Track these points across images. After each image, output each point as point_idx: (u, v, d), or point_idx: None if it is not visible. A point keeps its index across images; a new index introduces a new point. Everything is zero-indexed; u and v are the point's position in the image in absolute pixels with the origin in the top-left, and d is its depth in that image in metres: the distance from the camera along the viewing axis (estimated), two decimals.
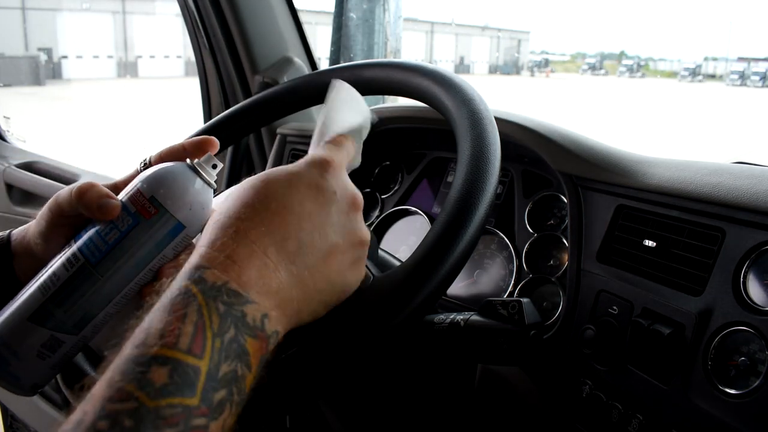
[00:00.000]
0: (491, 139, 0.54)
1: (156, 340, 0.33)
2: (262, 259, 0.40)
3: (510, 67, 28.27)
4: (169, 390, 0.32)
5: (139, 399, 0.31)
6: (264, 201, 0.42)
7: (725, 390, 0.54)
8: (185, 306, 0.35)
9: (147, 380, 0.32)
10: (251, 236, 0.40)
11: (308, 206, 0.43)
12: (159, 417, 0.31)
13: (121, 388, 0.31)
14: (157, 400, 0.31)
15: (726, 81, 24.80)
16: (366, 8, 1.42)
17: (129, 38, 21.18)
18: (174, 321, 0.34)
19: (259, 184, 0.43)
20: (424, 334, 0.60)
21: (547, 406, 0.70)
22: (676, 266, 0.62)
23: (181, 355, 0.33)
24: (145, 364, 0.32)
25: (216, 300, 0.36)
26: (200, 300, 0.36)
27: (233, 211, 0.41)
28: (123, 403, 0.31)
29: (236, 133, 0.81)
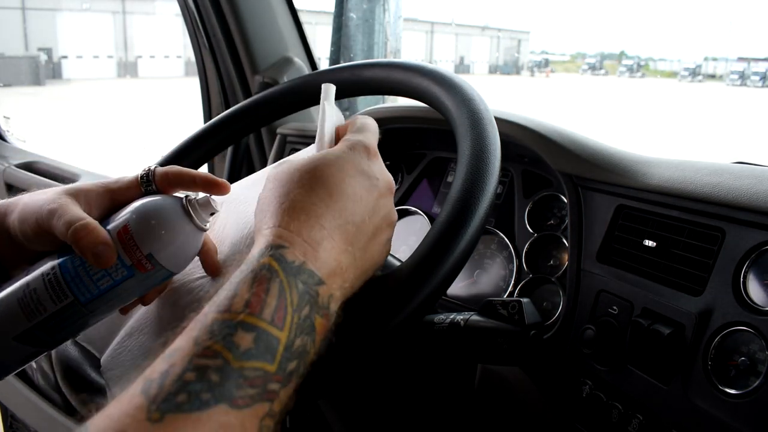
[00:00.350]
0: (491, 138, 0.54)
1: (242, 308, 0.36)
2: (331, 242, 0.43)
3: (510, 67, 28.27)
4: (252, 354, 0.35)
5: (226, 358, 0.34)
6: (324, 186, 0.45)
7: (725, 390, 0.54)
8: (268, 280, 0.38)
9: (233, 343, 0.35)
10: (322, 221, 0.43)
11: (358, 191, 0.46)
12: (242, 377, 0.34)
13: (209, 347, 0.34)
14: (242, 362, 0.34)
15: (726, 81, 24.79)
16: (366, 8, 1.42)
17: (129, 38, 21.19)
18: (258, 293, 0.37)
19: (312, 168, 0.45)
20: (424, 334, 0.60)
21: (547, 406, 0.70)
22: (676, 266, 0.62)
23: (265, 324, 0.36)
24: (232, 327, 0.35)
25: (296, 278, 0.39)
26: (281, 276, 0.39)
27: (298, 196, 0.44)
28: (210, 360, 0.34)
29: (236, 133, 0.81)
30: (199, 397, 0.32)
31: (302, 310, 0.39)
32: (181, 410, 0.32)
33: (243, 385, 0.34)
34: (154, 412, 0.31)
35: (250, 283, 0.38)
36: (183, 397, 0.32)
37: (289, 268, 0.40)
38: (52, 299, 0.48)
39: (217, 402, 0.33)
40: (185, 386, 0.33)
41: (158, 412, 0.31)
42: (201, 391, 0.32)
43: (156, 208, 0.50)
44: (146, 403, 0.32)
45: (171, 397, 0.32)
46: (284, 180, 0.45)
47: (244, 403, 0.34)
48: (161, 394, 0.32)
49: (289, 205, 0.43)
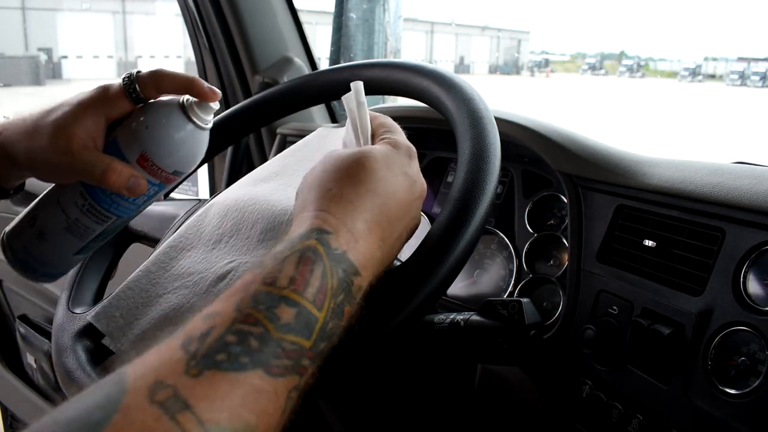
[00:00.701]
0: (491, 138, 0.54)
1: (287, 284, 0.38)
2: (370, 236, 0.45)
3: (510, 67, 28.25)
4: (291, 327, 0.37)
5: (266, 327, 0.36)
6: (372, 181, 0.46)
7: (725, 390, 0.54)
8: (313, 262, 0.40)
9: (275, 314, 0.36)
10: (365, 214, 0.45)
11: (400, 190, 0.48)
12: (280, 347, 0.35)
13: (251, 315, 0.36)
14: (281, 333, 0.36)
15: (726, 81, 24.79)
16: (366, 8, 1.41)
17: (129, 38, 21.17)
18: (303, 272, 0.39)
19: (362, 161, 0.47)
20: (424, 334, 0.60)
21: (547, 406, 0.70)
22: (676, 266, 0.62)
23: (307, 303, 0.38)
24: (276, 300, 0.37)
25: (337, 265, 0.41)
26: (325, 261, 0.40)
27: (346, 186, 0.46)
28: (251, 326, 0.35)
29: (236, 133, 0.82)
30: (238, 359, 0.33)
31: (338, 296, 0.40)
32: (220, 368, 0.33)
33: (280, 355, 0.35)
34: (194, 367, 0.32)
35: (296, 262, 0.39)
36: (222, 357, 0.33)
37: (332, 254, 0.41)
38: (97, 222, 0.54)
39: (254, 367, 0.34)
40: (226, 347, 0.34)
41: (197, 368, 0.32)
42: (240, 354, 0.34)
43: (163, 125, 0.52)
44: (186, 357, 0.33)
45: (211, 354, 0.33)
46: (335, 168, 0.47)
47: (278, 372, 0.35)
48: (201, 351, 0.33)
49: (338, 192, 0.45)
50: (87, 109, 0.51)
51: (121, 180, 0.50)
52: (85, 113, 0.50)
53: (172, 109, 0.52)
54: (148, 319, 0.60)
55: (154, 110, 0.52)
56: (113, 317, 0.61)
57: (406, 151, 0.51)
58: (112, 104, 0.51)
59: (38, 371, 1.59)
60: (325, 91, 0.76)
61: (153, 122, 0.51)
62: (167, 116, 0.52)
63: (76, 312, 0.65)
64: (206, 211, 0.66)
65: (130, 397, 0.30)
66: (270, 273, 0.38)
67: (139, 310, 0.61)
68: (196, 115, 0.52)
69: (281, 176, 0.67)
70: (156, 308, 0.60)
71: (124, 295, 0.62)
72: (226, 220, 0.63)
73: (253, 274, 0.39)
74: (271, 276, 0.38)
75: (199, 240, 0.64)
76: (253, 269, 0.39)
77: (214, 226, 0.64)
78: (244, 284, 0.38)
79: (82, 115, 0.50)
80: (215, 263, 0.60)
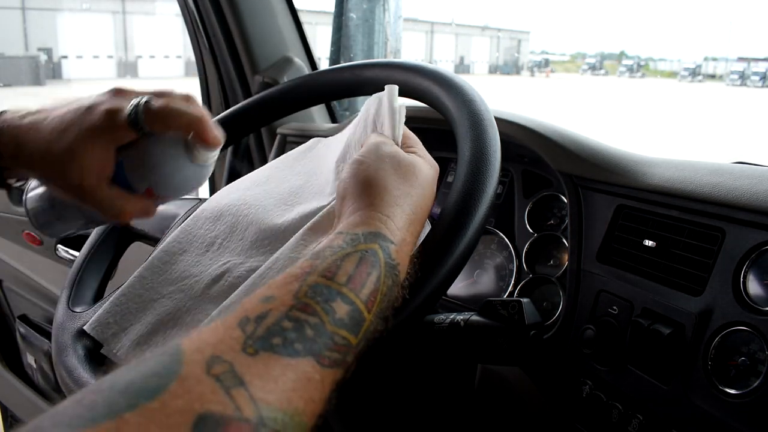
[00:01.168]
0: (491, 140, 0.54)
1: (345, 281, 0.39)
2: (410, 246, 0.47)
3: (510, 67, 28.25)
4: (344, 323, 0.38)
5: (322, 319, 0.37)
6: (418, 187, 0.49)
7: (725, 390, 0.54)
8: (371, 266, 0.41)
9: (331, 308, 0.37)
10: (416, 225, 0.48)
11: (428, 206, 0.51)
12: (332, 340, 0.37)
13: (309, 305, 0.37)
14: (335, 327, 0.37)
15: (726, 81, 24.79)
16: (366, 8, 1.41)
17: (129, 38, 21.17)
18: (362, 273, 0.40)
19: (417, 169, 0.50)
20: (424, 334, 0.60)
21: (547, 406, 0.70)
22: (676, 266, 0.62)
23: (360, 303, 0.39)
24: (334, 294, 0.38)
25: (390, 273, 0.42)
26: (382, 267, 0.42)
27: (406, 196, 0.48)
28: (308, 316, 0.36)
29: (236, 133, 0.82)
30: (293, 345, 0.34)
31: (384, 303, 0.42)
32: (275, 351, 0.34)
33: (331, 347, 0.36)
34: (250, 346, 0.33)
35: (356, 262, 0.41)
36: (278, 340, 0.34)
37: (389, 264, 0.43)
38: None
39: (307, 355, 0.35)
40: (282, 332, 0.35)
41: (253, 347, 0.33)
42: (295, 341, 0.35)
43: (167, 165, 0.53)
44: (243, 336, 0.34)
45: (268, 336, 0.34)
46: (392, 167, 0.49)
47: (327, 363, 0.36)
48: (258, 332, 0.34)
49: (399, 195, 0.47)
50: (96, 139, 0.50)
51: (132, 215, 0.54)
52: (94, 143, 0.50)
53: (177, 151, 0.52)
54: (144, 324, 0.60)
55: (159, 150, 0.52)
56: (107, 324, 0.62)
57: (436, 170, 0.54)
58: (119, 133, 0.50)
59: (38, 371, 1.59)
60: (326, 91, 0.76)
61: (158, 161, 0.52)
62: (172, 157, 0.52)
63: (77, 311, 0.66)
64: (199, 214, 0.66)
65: (188, 368, 0.31)
66: (329, 267, 0.40)
67: (134, 316, 0.61)
68: (200, 156, 0.52)
69: (271, 182, 0.67)
70: (151, 313, 0.61)
71: (118, 302, 0.62)
72: (219, 223, 0.64)
73: (311, 264, 0.40)
74: (330, 270, 0.39)
75: (192, 243, 0.64)
76: (311, 258, 0.40)
77: (206, 230, 0.64)
78: (302, 272, 0.39)
79: (92, 145, 0.50)
80: (209, 265, 0.61)
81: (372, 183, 0.47)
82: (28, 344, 1.59)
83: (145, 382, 0.29)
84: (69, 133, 0.50)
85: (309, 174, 0.66)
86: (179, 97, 0.52)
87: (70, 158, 0.50)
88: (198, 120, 0.51)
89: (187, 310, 0.59)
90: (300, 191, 0.64)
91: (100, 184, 0.51)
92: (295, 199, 0.63)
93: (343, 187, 0.49)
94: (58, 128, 0.50)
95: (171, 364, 0.31)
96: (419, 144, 0.56)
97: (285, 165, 0.69)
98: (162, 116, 0.50)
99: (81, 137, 0.50)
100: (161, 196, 0.54)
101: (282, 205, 0.62)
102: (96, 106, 0.51)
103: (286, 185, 0.65)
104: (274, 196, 0.64)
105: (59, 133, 0.50)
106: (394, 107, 0.55)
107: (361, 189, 0.47)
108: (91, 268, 0.72)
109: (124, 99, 0.51)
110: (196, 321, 0.58)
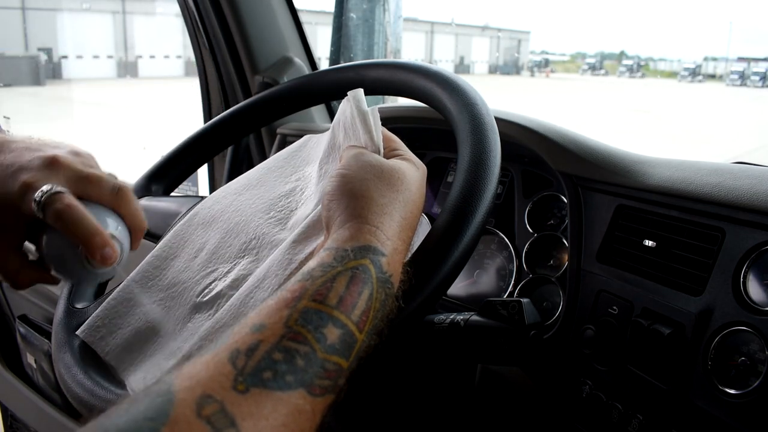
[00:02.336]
0: (491, 145, 0.54)
1: (335, 303, 0.38)
2: (403, 254, 0.46)
3: (510, 67, 28.25)
4: (336, 349, 0.37)
5: (313, 347, 0.36)
6: (405, 192, 0.48)
7: (725, 390, 0.54)
8: (363, 283, 0.40)
9: (323, 334, 0.37)
10: (407, 231, 0.47)
11: (418, 210, 0.49)
12: (323, 368, 0.36)
13: (300, 333, 0.36)
14: (326, 354, 0.36)
15: (726, 81, 24.79)
16: (366, 8, 1.42)
17: (129, 38, 21.16)
18: (353, 293, 0.39)
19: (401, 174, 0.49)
20: (424, 334, 0.60)
21: (547, 406, 0.70)
22: (676, 266, 0.62)
23: (352, 325, 0.38)
24: (325, 320, 0.37)
25: (383, 287, 0.42)
26: (374, 283, 0.41)
27: (394, 203, 0.46)
28: (299, 345, 0.36)
29: (236, 133, 0.82)
30: (284, 377, 0.34)
31: (377, 318, 0.41)
32: (266, 386, 0.33)
33: (322, 375, 0.36)
34: (241, 383, 0.33)
35: (346, 281, 0.40)
36: (269, 375, 0.34)
37: (382, 278, 0.42)
38: None
39: (298, 386, 0.34)
40: (273, 364, 0.34)
41: (244, 384, 0.33)
42: (286, 373, 0.34)
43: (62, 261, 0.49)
44: (234, 372, 0.33)
45: (258, 372, 0.34)
46: (375, 176, 0.47)
47: (319, 392, 0.35)
48: (249, 367, 0.34)
49: (386, 203, 0.46)
50: (8, 209, 0.48)
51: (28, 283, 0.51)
52: (6, 213, 0.48)
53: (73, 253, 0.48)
54: (132, 329, 0.61)
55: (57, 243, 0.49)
56: (97, 327, 0.62)
57: (423, 171, 0.53)
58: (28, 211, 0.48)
59: (38, 371, 1.59)
60: (328, 91, 0.76)
61: (54, 254, 0.49)
62: (68, 256, 0.49)
63: (77, 307, 0.66)
64: (191, 218, 0.66)
65: (179, 411, 0.30)
66: (319, 289, 0.39)
67: (122, 320, 0.62)
68: (94, 265, 0.49)
69: (262, 185, 0.67)
70: (140, 318, 0.61)
71: (108, 305, 0.63)
72: (210, 229, 0.64)
73: (302, 286, 0.39)
74: (321, 293, 0.39)
75: (183, 249, 0.64)
76: (302, 280, 0.39)
77: (198, 235, 0.64)
78: (292, 297, 0.38)
79: (3, 214, 0.48)
80: (198, 272, 0.61)
81: (357, 194, 0.46)
82: (28, 344, 1.59)
83: (138, 427, 0.29)
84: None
85: (299, 177, 0.66)
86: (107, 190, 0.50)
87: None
88: (90, 236, 0.47)
89: (174, 317, 0.60)
90: (290, 195, 0.64)
91: (3, 248, 0.49)
92: (285, 204, 0.63)
93: (328, 201, 0.48)
94: None
95: (162, 406, 0.30)
96: (402, 145, 0.54)
97: (277, 165, 0.68)
98: (59, 217, 0.47)
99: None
100: (56, 277, 0.51)
101: (271, 211, 0.62)
102: (20, 173, 0.48)
103: (277, 191, 0.65)
104: (265, 202, 0.64)
105: None
106: (364, 111, 0.53)
107: (347, 201, 0.46)
108: None
109: (51, 175, 0.48)
110: (184, 329, 0.58)
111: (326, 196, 0.48)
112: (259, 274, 0.54)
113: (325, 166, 0.61)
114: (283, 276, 0.52)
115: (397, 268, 0.44)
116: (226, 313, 0.53)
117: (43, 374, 1.57)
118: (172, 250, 0.65)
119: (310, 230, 0.54)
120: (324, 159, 0.62)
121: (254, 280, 0.54)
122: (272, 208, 0.63)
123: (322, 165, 0.61)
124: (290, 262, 0.53)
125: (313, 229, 0.54)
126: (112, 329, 0.61)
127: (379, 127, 0.53)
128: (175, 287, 0.62)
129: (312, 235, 0.54)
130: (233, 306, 0.54)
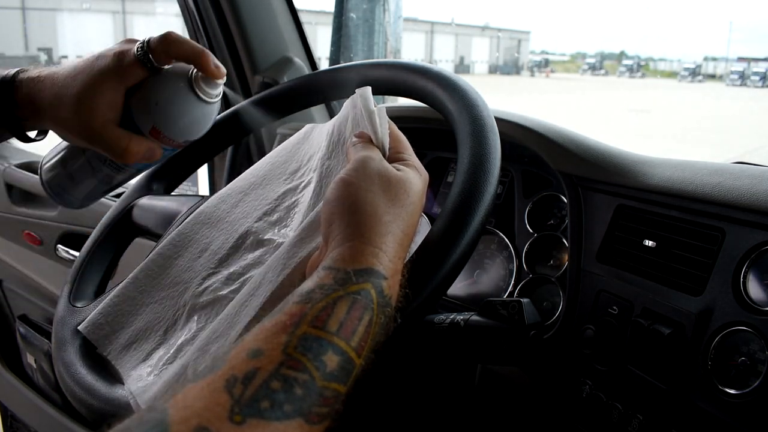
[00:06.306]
0: (491, 148, 0.54)
1: (335, 330, 0.37)
2: (402, 266, 0.44)
3: (510, 67, 28.25)
4: (335, 376, 0.36)
5: (313, 375, 0.35)
6: (408, 205, 0.46)
7: (725, 390, 0.54)
8: (364, 308, 0.39)
9: (322, 362, 0.36)
10: (404, 248, 0.45)
11: (416, 219, 0.48)
12: (321, 396, 0.35)
13: (299, 360, 0.35)
14: (325, 382, 0.35)
15: (726, 81, 24.79)
16: (366, 8, 1.41)
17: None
18: (354, 318, 0.38)
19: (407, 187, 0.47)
20: (424, 334, 0.60)
21: (547, 406, 0.70)
22: (676, 266, 0.62)
23: (351, 351, 0.37)
24: (325, 347, 0.36)
25: (382, 311, 0.40)
26: (374, 308, 0.40)
27: (397, 220, 0.45)
28: (298, 373, 0.34)
29: (236, 133, 0.82)
30: (282, 407, 0.33)
31: (376, 341, 0.40)
32: (263, 417, 0.32)
33: (321, 403, 0.35)
34: (237, 414, 0.32)
35: (347, 306, 0.38)
36: (266, 404, 0.33)
37: (381, 301, 0.40)
38: (119, 173, 0.63)
39: (296, 416, 0.33)
40: (271, 394, 0.33)
41: (241, 415, 0.32)
42: (284, 402, 0.33)
43: (171, 102, 0.55)
44: (230, 402, 0.32)
45: (255, 402, 0.32)
46: (382, 189, 0.45)
47: (317, 420, 0.34)
48: (246, 397, 0.33)
49: (390, 221, 0.44)
50: (105, 81, 0.53)
51: (138, 155, 0.55)
52: (103, 85, 0.53)
53: (180, 85, 0.54)
54: (134, 328, 0.61)
55: (163, 86, 0.54)
56: (100, 325, 0.62)
57: (425, 179, 0.51)
58: (128, 74, 0.54)
59: (38, 371, 1.59)
60: (328, 91, 0.76)
61: (162, 98, 0.54)
62: (175, 93, 0.54)
63: (78, 306, 0.66)
64: (196, 218, 0.66)
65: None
66: (319, 315, 0.37)
67: (125, 319, 0.62)
68: (203, 91, 0.55)
69: (268, 182, 0.66)
70: (142, 318, 0.61)
71: (111, 303, 0.63)
72: (214, 230, 0.64)
73: (301, 309, 0.38)
74: (320, 319, 0.37)
75: (186, 248, 0.65)
76: (301, 302, 0.38)
77: (202, 235, 0.65)
78: (291, 321, 0.37)
79: (101, 87, 0.53)
80: (200, 272, 0.61)
81: (360, 209, 0.43)
82: (28, 344, 1.59)
83: None
84: (79, 78, 0.53)
85: (302, 173, 0.66)
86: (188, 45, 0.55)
87: (80, 101, 0.52)
88: (199, 52, 0.54)
89: (175, 317, 0.60)
90: (293, 194, 0.64)
91: (108, 125, 0.53)
92: (288, 204, 0.63)
93: (329, 211, 0.45)
94: (70, 75, 0.53)
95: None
96: (408, 149, 0.53)
97: (282, 160, 0.68)
98: (166, 46, 0.53)
99: (91, 80, 0.52)
100: (166, 137, 0.55)
101: (274, 213, 0.63)
102: (106, 52, 0.54)
103: (281, 189, 0.65)
104: (269, 202, 0.64)
105: (71, 79, 0.53)
106: (371, 110, 0.52)
107: (349, 215, 0.43)
108: (93, 262, 0.72)
109: (134, 44, 0.54)
110: (184, 329, 0.58)
111: (327, 205, 0.45)
112: (255, 280, 0.54)
113: (327, 162, 0.60)
114: (276, 282, 0.51)
115: (397, 289, 0.43)
116: (223, 322, 0.53)
117: (43, 374, 1.57)
118: (176, 249, 0.65)
119: (306, 232, 0.53)
120: (326, 154, 0.61)
121: (250, 287, 0.54)
122: (275, 209, 0.63)
123: (324, 161, 0.61)
124: (285, 267, 0.52)
125: (309, 231, 0.53)
126: (115, 328, 0.61)
127: (385, 127, 0.52)
128: (177, 286, 0.62)
129: (308, 236, 0.53)
130: (229, 315, 0.53)
